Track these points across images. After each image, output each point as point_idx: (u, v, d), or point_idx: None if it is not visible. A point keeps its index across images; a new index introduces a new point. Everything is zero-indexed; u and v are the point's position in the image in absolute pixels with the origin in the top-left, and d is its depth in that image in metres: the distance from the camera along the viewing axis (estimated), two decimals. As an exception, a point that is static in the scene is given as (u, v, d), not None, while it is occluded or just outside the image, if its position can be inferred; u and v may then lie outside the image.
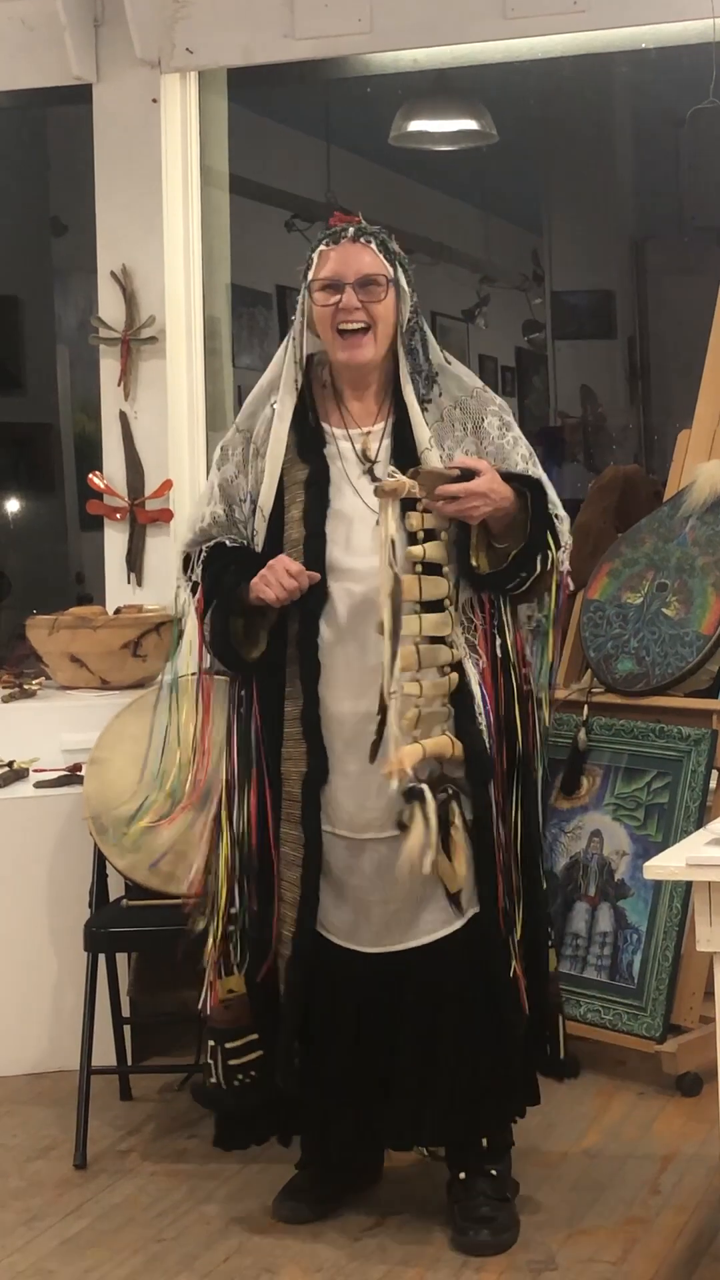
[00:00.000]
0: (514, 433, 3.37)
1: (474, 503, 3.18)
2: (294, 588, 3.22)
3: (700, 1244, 3.31)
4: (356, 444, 3.33)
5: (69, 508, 8.13)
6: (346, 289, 3.27)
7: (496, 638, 3.32)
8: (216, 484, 3.42)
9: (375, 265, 3.30)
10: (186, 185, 5.13)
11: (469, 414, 3.35)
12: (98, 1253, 3.40)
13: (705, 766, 4.13)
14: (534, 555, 3.26)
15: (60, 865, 4.32)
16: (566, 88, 6.39)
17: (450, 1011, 3.29)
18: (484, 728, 3.29)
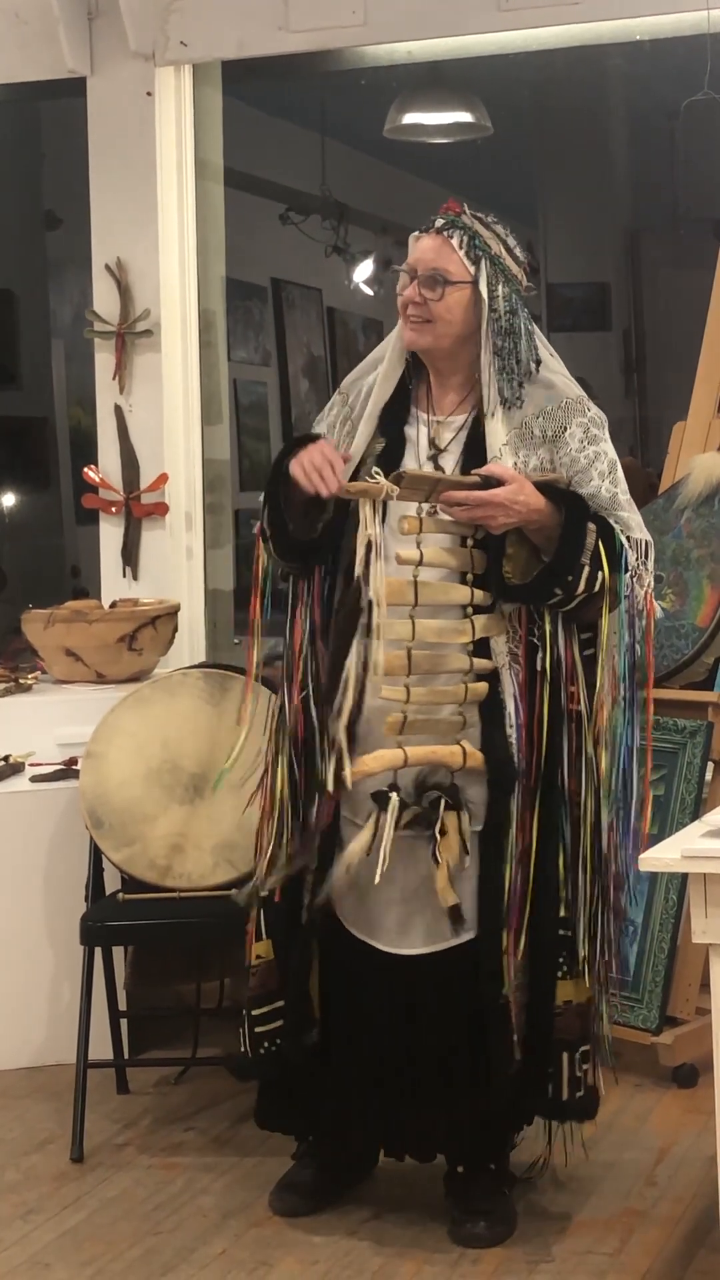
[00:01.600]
0: (598, 447, 3.29)
1: (490, 512, 3.14)
2: (316, 474, 3.18)
3: (697, 1235, 3.31)
4: (430, 430, 3.32)
5: (64, 501, 8.12)
6: (414, 281, 3.27)
7: (537, 650, 3.24)
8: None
9: (448, 263, 3.26)
10: (181, 178, 5.12)
11: (551, 423, 3.28)
12: (95, 1246, 3.41)
13: (701, 758, 4.13)
14: (564, 573, 3.18)
15: (56, 859, 4.32)
16: (561, 80, 6.37)
17: (461, 1025, 3.26)
18: (513, 740, 3.24)
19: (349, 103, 7.17)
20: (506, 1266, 3.24)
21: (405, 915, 3.27)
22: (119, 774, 4.00)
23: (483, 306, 3.26)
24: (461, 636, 3.20)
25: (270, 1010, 3.37)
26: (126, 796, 3.97)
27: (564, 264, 9.39)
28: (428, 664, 3.19)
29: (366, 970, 3.30)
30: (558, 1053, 3.28)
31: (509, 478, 3.15)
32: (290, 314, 7.76)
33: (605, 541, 3.22)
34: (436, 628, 3.20)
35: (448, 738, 3.21)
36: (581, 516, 3.20)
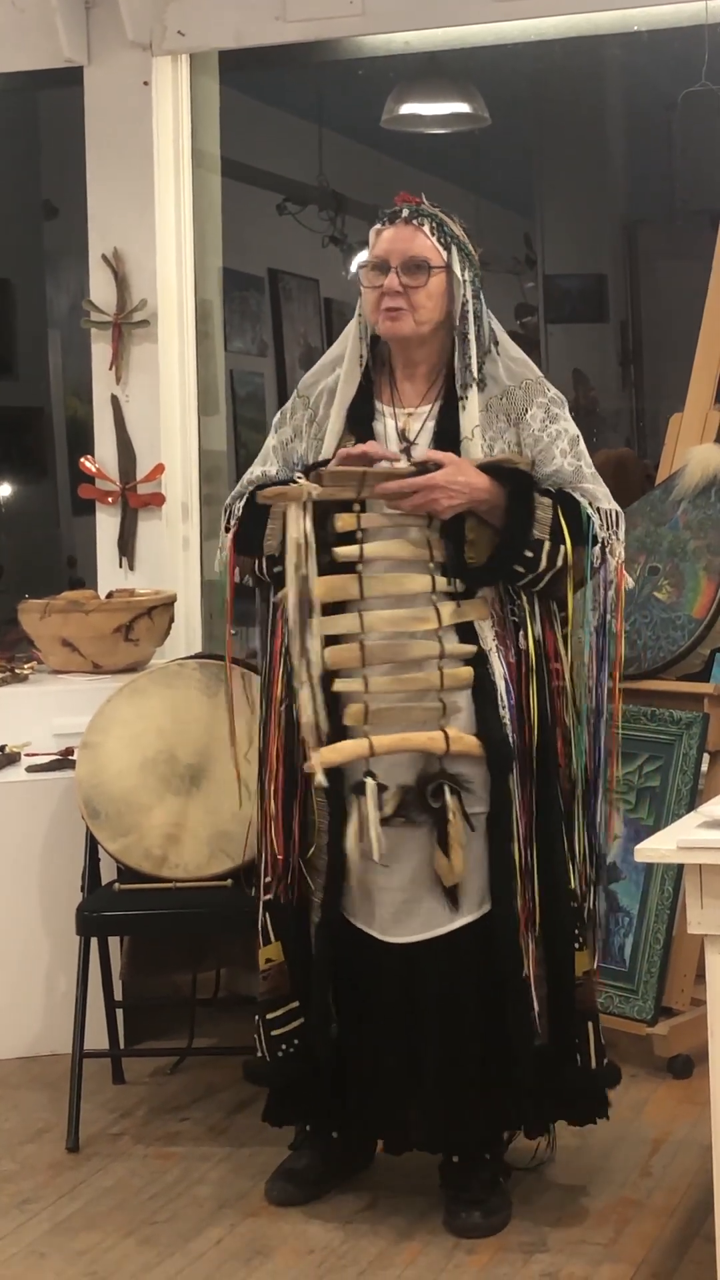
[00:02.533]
0: (558, 425, 3.33)
1: (432, 495, 3.18)
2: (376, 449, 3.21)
3: (691, 1225, 3.32)
4: (399, 423, 3.33)
5: (61, 492, 8.12)
6: (391, 272, 3.27)
7: (517, 631, 3.28)
8: (273, 445, 3.45)
9: (423, 249, 3.29)
10: (178, 168, 5.12)
11: (514, 405, 3.33)
12: (90, 1235, 3.41)
13: (697, 750, 4.13)
14: (520, 549, 3.22)
15: (52, 849, 4.32)
16: (558, 70, 6.37)
17: (469, 1010, 3.27)
18: (507, 720, 3.26)
19: (346, 93, 7.16)
20: (502, 1256, 3.25)
21: (403, 903, 3.28)
22: (115, 764, 4.00)
23: (458, 290, 3.30)
24: (424, 624, 3.22)
25: (286, 1012, 3.37)
26: (123, 787, 3.97)
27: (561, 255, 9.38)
28: (386, 654, 3.22)
29: (368, 961, 3.31)
30: (583, 1023, 3.33)
31: (445, 460, 3.20)
32: (287, 305, 7.76)
33: (568, 515, 3.26)
34: (391, 618, 3.23)
35: (427, 725, 3.23)
36: (525, 490, 3.24)
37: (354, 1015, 3.34)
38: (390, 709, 3.23)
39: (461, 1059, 3.28)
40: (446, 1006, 3.28)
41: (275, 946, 3.39)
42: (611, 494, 4.81)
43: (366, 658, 3.22)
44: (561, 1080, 3.34)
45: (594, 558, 3.29)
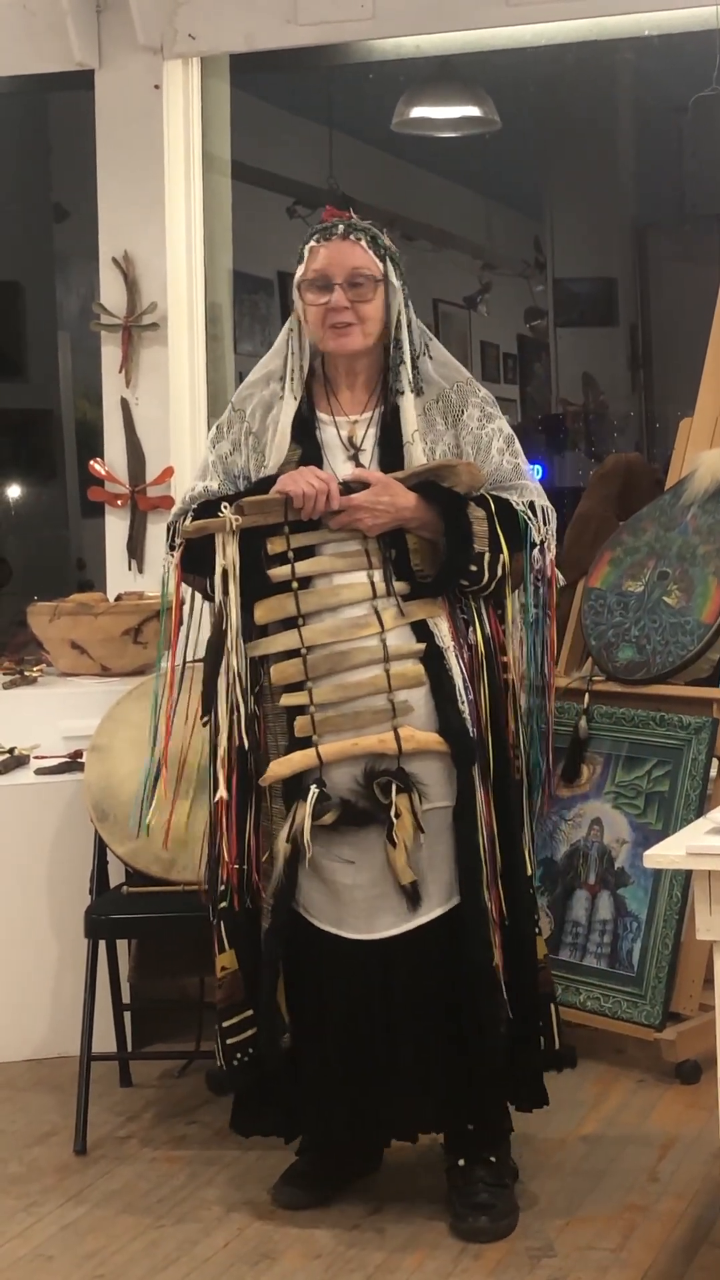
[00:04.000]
0: (494, 424, 3.39)
1: (356, 515, 3.26)
2: (321, 488, 3.25)
3: (699, 1231, 3.31)
4: (342, 431, 3.37)
5: (70, 494, 8.12)
6: (336, 288, 3.31)
7: (467, 630, 3.35)
8: (212, 460, 3.48)
9: (364, 263, 3.33)
10: (188, 171, 5.12)
11: (450, 408, 3.38)
12: (97, 1238, 3.41)
13: (706, 755, 4.13)
14: (464, 565, 3.28)
15: (61, 852, 4.32)
16: (569, 74, 6.37)
17: (437, 1001, 3.30)
18: (467, 716, 3.31)
19: (357, 96, 7.17)
20: (509, 1261, 3.25)
21: (373, 899, 3.30)
22: (124, 767, 4.00)
23: (393, 300, 3.35)
24: (364, 630, 3.28)
25: (240, 1020, 3.39)
26: (131, 789, 3.97)
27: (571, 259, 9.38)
28: (327, 665, 3.28)
29: (337, 961, 3.33)
30: (545, 1005, 3.41)
31: (372, 479, 3.27)
32: (297, 307, 7.75)
33: (505, 523, 3.32)
34: (330, 628, 3.29)
35: (377, 727, 3.27)
36: (458, 510, 3.29)
37: (317, 1018, 3.34)
38: (336, 716, 3.28)
39: (432, 1049, 3.30)
40: (417, 998, 3.30)
41: (229, 955, 3.40)
42: (619, 498, 4.86)
43: (309, 670, 3.28)
44: (525, 1063, 3.40)
45: (533, 560, 3.37)
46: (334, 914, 3.33)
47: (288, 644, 3.30)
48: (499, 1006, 3.31)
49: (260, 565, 3.30)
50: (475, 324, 9.31)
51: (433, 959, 3.31)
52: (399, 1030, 3.31)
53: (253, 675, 3.34)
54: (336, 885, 3.31)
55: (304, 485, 3.26)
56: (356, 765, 3.28)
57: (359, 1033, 3.32)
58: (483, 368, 9.36)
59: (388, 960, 3.31)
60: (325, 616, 3.30)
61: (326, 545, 3.32)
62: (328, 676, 3.29)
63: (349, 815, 3.27)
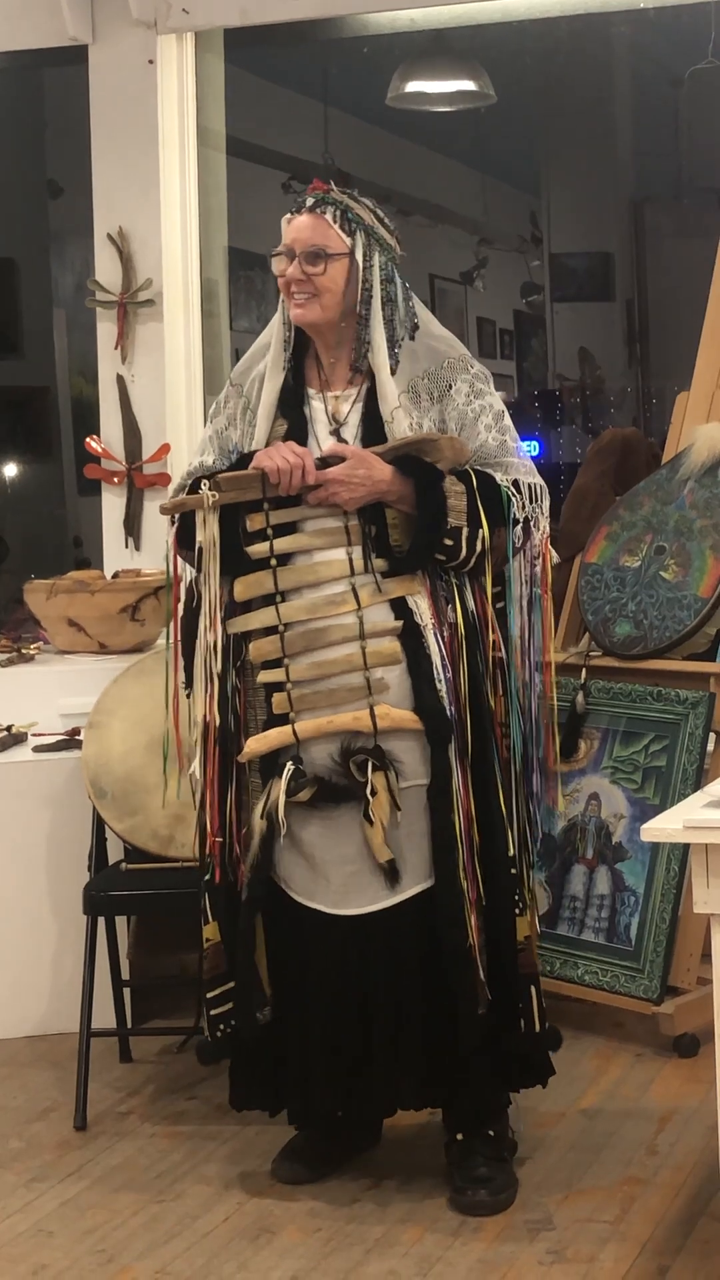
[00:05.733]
0: (483, 400, 3.37)
1: (333, 489, 3.26)
2: (297, 463, 3.25)
3: (697, 1204, 3.33)
4: (329, 406, 3.38)
5: (66, 472, 8.12)
6: (295, 260, 3.32)
7: (447, 608, 3.32)
8: (209, 434, 3.50)
9: (325, 237, 3.32)
10: (183, 147, 5.11)
11: (437, 383, 3.36)
12: (97, 1214, 3.42)
13: (703, 729, 4.13)
14: (437, 538, 3.26)
15: (59, 829, 4.33)
16: (565, 48, 6.36)
17: (416, 979, 3.30)
18: (444, 694, 3.29)
19: (352, 71, 7.16)
20: (508, 1234, 3.26)
21: (351, 875, 3.31)
22: (122, 744, 4.00)
23: (359, 275, 3.33)
24: (340, 607, 3.28)
25: (222, 992, 3.40)
26: (129, 767, 3.98)
27: (567, 234, 9.38)
28: (303, 641, 3.29)
29: (317, 936, 3.34)
30: (525, 987, 3.37)
31: (347, 453, 3.27)
32: (293, 283, 7.73)
33: (488, 498, 3.30)
34: (306, 605, 3.29)
35: (353, 704, 3.27)
36: (434, 482, 3.27)
37: (298, 992, 3.35)
38: (312, 693, 3.29)
39: (410, 1026, 3.31)
40: (394, 975, 3.31)
41: (213, 926, 3.41)
42: (616, 473, 4.86)
43: (286, 647, 3.29)
44: (506, 1045, 3.37)
45: (515, 537, 3.35)
46: (313, 889, 3.33)
47: (266, 620, 3.30)
48: (474, 986, 3.28)
49: (239, 541, 3.31)
50: (471, 299, 9.30)
51: (410, 936, 3.30)
52: (377, 1007, 3.31)
53: (236, 650, 3.35)
54: (316, 861, 3.32)
55: (279, 460, 3.26)
56: (333, 742, 3.28)
57: (338, 1008, 3.32)
58: (479, 343, 9.35)
59: (366, 936, 3.31)
60: (304, 593, 3.30)
61: (307, 522, 3.32)
62: (304, 653, 3.29)
63: (325, 792, 3.28)
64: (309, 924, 3.33)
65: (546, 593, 3.42)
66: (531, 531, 3.37)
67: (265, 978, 3.36)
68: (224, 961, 3.40)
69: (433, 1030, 3.31)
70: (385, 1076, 3.33)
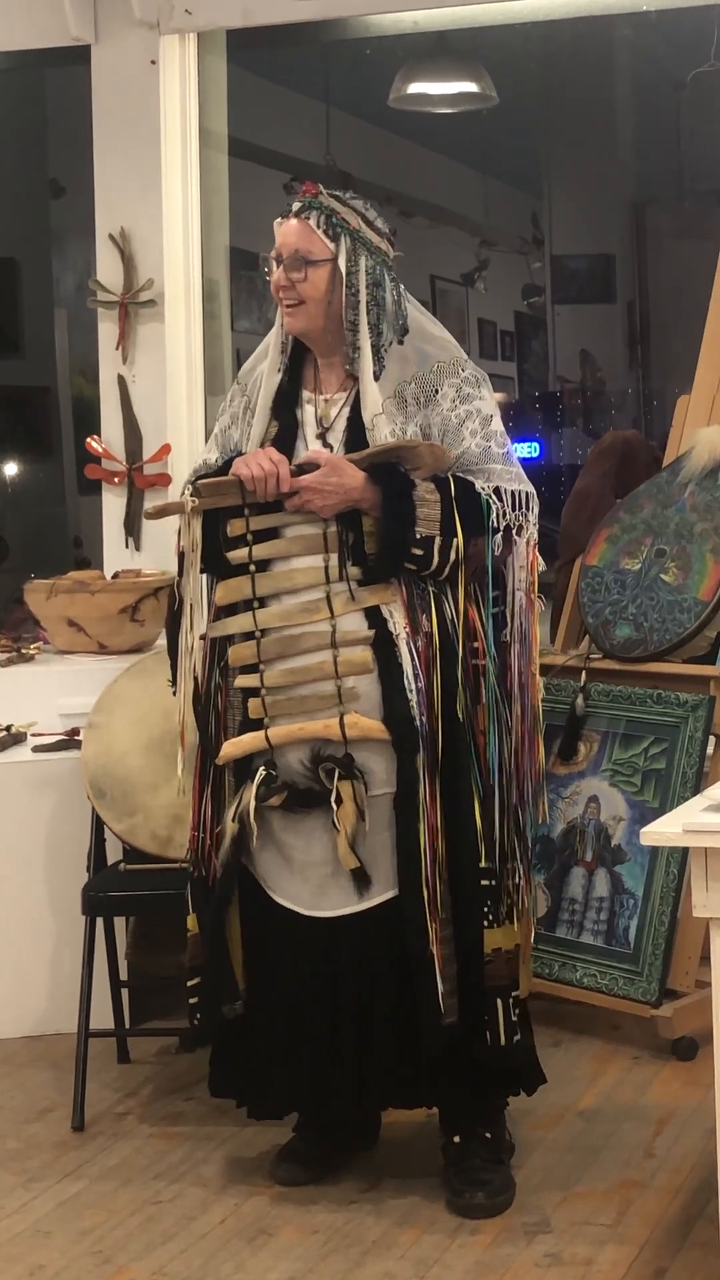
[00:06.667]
0: (470, 405, 3.33)
1: (306, 497, 3.26)
2: (271, 470, 3.25)
3: (695, 1206, 3.33)
4: (318, 409, 3.38)
5: (67, 471, 8.12)
6: (280, 267, 3.33)
7: (422, 617, 3.30)
8: (216, 432, 3.52)
9: (307, 243, 3.31)
10: (185, 147, 5.10)
11: (424, 388, 3.34)
12: (95, 1214, 3.42)
13: (702, 732, 4.13)
14: (403, 547, 3.24)
15: (58, 829, 4.33)
16: (567, 50, 6.36)
17: (383, 983, 3.31)
18: (414, 703, 3.27)
19: (354, 72, 7.16)
20: (505, 1236, 3.26)
21: (325, 878, 3.32)
22: (121, 744, 4.00)
23: (343, 282, 3.31)
24: (314, 615, 3.28)
25: (197, 983, 3.42)
26: (129, 767, 3.98)
27: (569, 235, 9.37)
28: (277, 648, 3.30)
29: (290, 935, 3.35)
30: (491, 1000, 3.32)
31: (322, 460, 3.26)
32: (294, 284, 7.73)
33: (467, 507, 3.28)
34: (281, 612, 3.30)
35: (325, 712, 3.27)
36: (402, 490, 3.25)
37: (269, 989, 3.37)
38: (285, 700, 3.30)
39: (376, 1032, 3.31)
40: (362, 980, 3.31)
41: (193, 918, 3.44)
42: (617, 475, 4.85)
43: (261, 653, 3.30)
44: (470, 1057, 3.34)
45: (495, 546, 3.33)
46: (288, 889, 3.36)
47: (243, 626, 3.32)
48: (435, 995, 3.26)
49: (220, 547, 3.33)
50: (473, 301, 9.29)
51: (379, 941, 3.31)
52: (343, 1008, 3.32)
53: (220, 653, 3.37)
54: (294, 862, 3.34)
55: (254, 468, 3.26)
56: (304, 749, 3.29)
57: (306, 1005, 3.34)
58: (480, 345, 9.35)
59: (337, 938, 3.33)
60: (281, 599, 3.31)
61: (287, 528, 3.32)
62: (279, 660, 3.30)
63: (296, 798, 3.30)
64: (282, 921, 3.36)
65: (532, 601, 3.39)
66: (514, 540, 3.34)
67: (239, 972, 3.38)
68: (201, 953, 3.41)
69: (405, 1033, 3.30)
70: (350, 1076, 3.33)
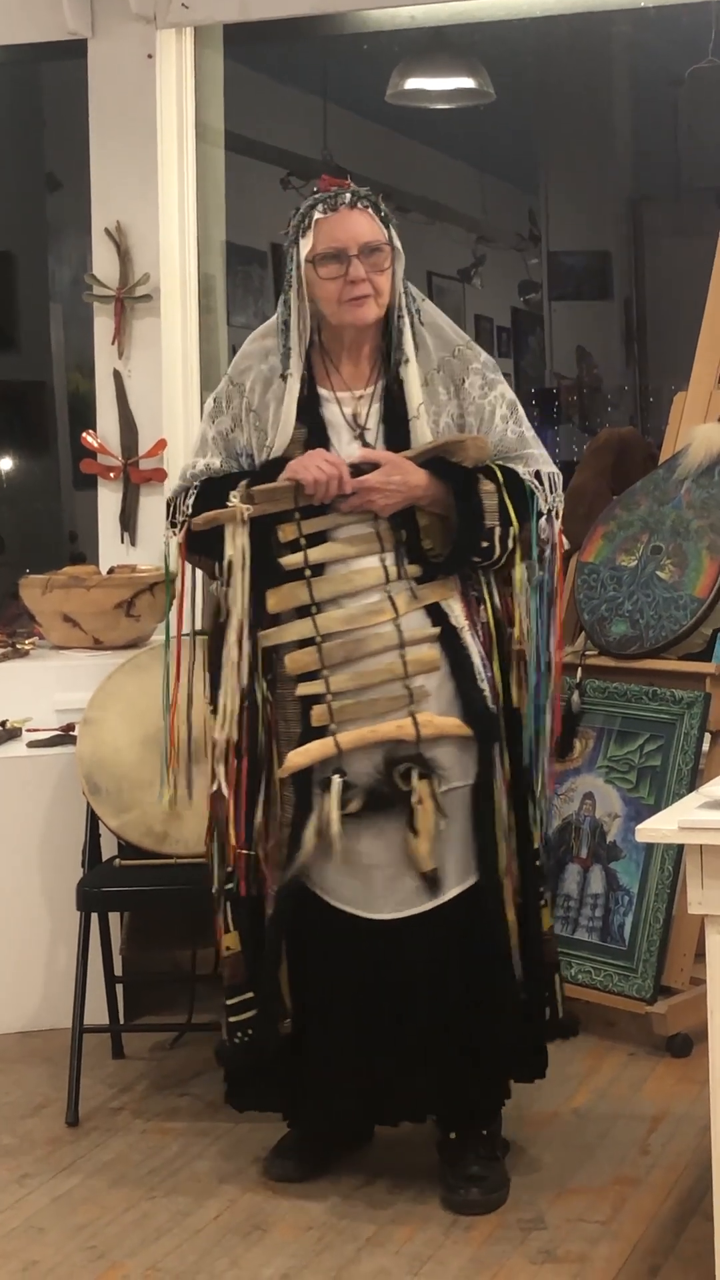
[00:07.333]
0: (496, 391, 3.34)
1: (368, 497, 3.22)
2: (334, 473, 3.21)
3: (689, 1204, 3.32)
4: (346, 408, 3.32)
5: (62, 466, 8.11)
6: (352, 260, 3.23)
7: (479, 607, 3.33)
8: (211, 435, 3.41)
9: (376, 232, 3.25)
10: (182, 142, 5.09)
11: (451, 375, 3.33)
12: (89, 1210, 3.42)
13: (698, 729, 4.13)
14: (476, 542, 3.25)
15: (53, 824, 4.32)
16: (564, 46, 6.36)
17: (452, 980, 3.29)
18: (486, 692, 3.29)
19: (351, 67, 7.15)
20: (499, 1233, 3.26)
21: (390, 879, 3.29)
22: (116, 740, 4.00)
23: (399, 267, 3.29)
24: (379, 616, 3.25)
25: (241, 1001, 3.38)
26: (124, 762, 3.98)
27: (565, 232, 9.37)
28: (342, 652, 3.25)
29: (350, 941, 3.31)
30: (551, 976, 3.40)
31: (382, 459, 3.23)
32: (290, 279, 7.73)
33: (513, 494, 3.29)
34: (344, 616, 3.25)
35: (395, 713, 3.25)
36: (468, 488, 3.26)
37: (325, 999, 3.33)
38: (353, 704, 3.25)
39: (451, 1029, 3.30)
40: (432, 977, 3.29)
41: (233, 936, 3.38)
42: (613, 472, 4.85)
43: (324, 659, 3.25)
44: (537, 1034, 3.40)
45: (541, 530, 3.34)
46: (352, 894, 3.30)
47: (302, 633, 3.25)
48: (514, 984, 3.31)
49: (270, 553, 3.25)
50: (469, 297, 9.29)
51: (448, 937, 3.29)
52: (409, 1009, 3.29)
53: (266, 663, 3.29)
54: (357, 867, 3.29)
55: (315, 471, 3.20)
56: (375, 752, 3.25)
57: (368, 1012, 3.30)
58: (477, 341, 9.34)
59: (403, 939, 3.29)
60: (341, 603, 3.25)
61: (338, 530, 3.27)
62: (344, 665, 3.24)
63: (372, 802, 3.25)
64: (342, 928, 3.30)
65: (560, 579, 3.42)
66: (553, 521, 3.37)
67: (287, 991, 3.34)
68: (243, 971, 3.36)
69: (462, 1031, 3.30)
70: (411, 1081, 3.31)
